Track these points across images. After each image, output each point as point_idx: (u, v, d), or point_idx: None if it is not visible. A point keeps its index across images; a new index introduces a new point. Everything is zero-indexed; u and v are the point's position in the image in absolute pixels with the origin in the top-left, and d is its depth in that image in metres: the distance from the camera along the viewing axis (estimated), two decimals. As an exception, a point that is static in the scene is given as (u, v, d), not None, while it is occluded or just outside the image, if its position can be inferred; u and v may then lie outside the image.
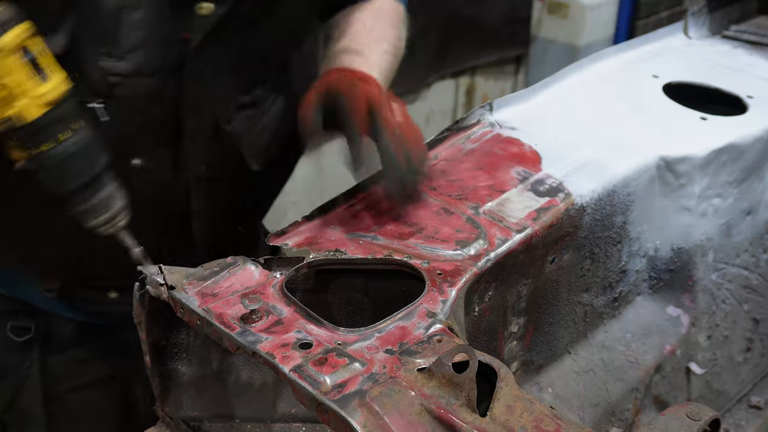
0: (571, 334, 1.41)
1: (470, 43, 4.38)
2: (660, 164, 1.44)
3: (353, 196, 1.28)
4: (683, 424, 0.91)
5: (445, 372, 0.90)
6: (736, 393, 1.67)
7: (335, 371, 0.92)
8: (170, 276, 1.08)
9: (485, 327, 1.23)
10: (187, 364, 1.20)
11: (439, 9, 4.09)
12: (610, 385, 1.44)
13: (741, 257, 1.60)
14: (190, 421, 1.21)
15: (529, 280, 1.27)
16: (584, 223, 1.33)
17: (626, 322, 1.49)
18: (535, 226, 1.23)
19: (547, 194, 1.30)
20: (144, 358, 1.17)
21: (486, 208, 1.26)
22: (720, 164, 1.49)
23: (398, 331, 1.01)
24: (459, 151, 1.41)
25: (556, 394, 1.38)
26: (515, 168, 1.36)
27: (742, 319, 1.63)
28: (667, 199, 1.47)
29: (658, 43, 1.91)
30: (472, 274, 1.13)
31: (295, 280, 1.11)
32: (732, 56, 1.90)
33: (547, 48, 4.57)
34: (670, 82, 1.71)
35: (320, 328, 1.01)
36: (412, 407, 0.89)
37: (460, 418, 0.87)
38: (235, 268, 1.10)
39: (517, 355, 1.33)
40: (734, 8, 2.08)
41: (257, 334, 0.99)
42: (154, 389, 1.19)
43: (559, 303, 1.36)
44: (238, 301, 1.05)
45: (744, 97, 1.68)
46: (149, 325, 1.14)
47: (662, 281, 1.52)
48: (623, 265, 1.45)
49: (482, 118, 1.50)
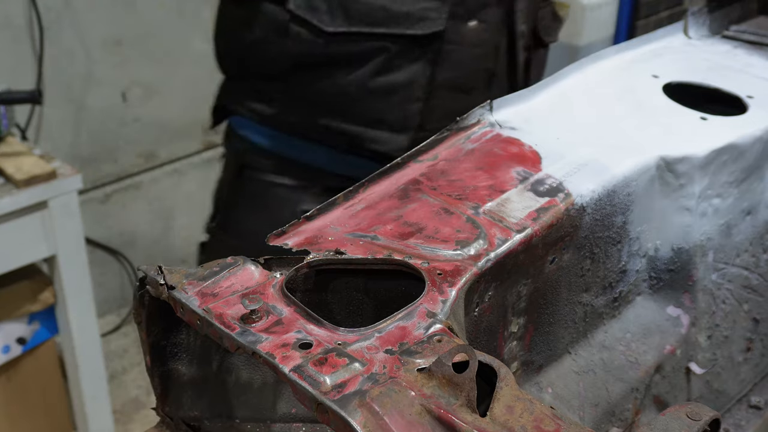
0: (571, 334, 1.41)
1: (470, 43, 4.38)
2: (660, 164, 1.44)
3: (353, 196, 1.28)
4: (683, 424, 0.91)
5: (445, 372, 0.90)
6: (736, 393, 1.67)
7: (335, 371, 0.92)
8: (170, 276, 1.08)
9: (485, 327, 1.23)
10: (187, 364, 1.20)
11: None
12: (610, 385, 1.44)
13: (741, 257, 1.60)
14: (190, 421, 1.21)
15: (529, 280, 1.27)
16: (584, 223, 1.34)
17: (626, 322, 1.49)
18: (535, 226, 1.23)
19: (547, 194, 1.30)
20: (144, 358, 1.17)
21: (486, 208, 1.26)
22: (720, 164, 1.49)
23: (398, 331, 1.01)
24: (459, 151, 1.41)
25: (556, 394, 1.38)
26: (515, 168, 1.36)
27: (742, 319, 1.63)
28: (667, 199, 1.47)
29: (658, 43, 1.91)
30: (472, 274, 1.13)
31: (295, 280, 1.11)
32: (732, 56, 1.90)
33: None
34: (670, 82, 1.71)
35: (320, 328, 1.01)
36: (412, 407, 0.89)
37: (460, 418, 0.87)
38: (235, 268, 1.10)
39: (517, 355, 1.33)
40: (734, 8, 2.08)
41: (257, 334, 0.99)
42: (154, 389, 1.19)
43: (559, 303, 1.36)
44: (238, 301, 1.05)
45: (744, 97, 1.68)
46: (149, 325, 1.14)
47: (662, 281, 1.52)
48: (623, 265, 1.45)
49: (482, 118, 1.50)
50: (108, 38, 3.12)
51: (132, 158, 3.32)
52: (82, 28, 3.04)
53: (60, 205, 2.46)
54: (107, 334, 3.45)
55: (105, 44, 3.12)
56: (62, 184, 2.45)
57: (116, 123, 3.24)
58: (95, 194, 3.31)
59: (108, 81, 3.17)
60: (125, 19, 3.14)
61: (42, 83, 3.01)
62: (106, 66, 3.14)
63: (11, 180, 2.40)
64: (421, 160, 1.39)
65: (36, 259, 2.53)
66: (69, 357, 2.72)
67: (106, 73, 3.15)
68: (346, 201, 1.28)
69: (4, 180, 2.41)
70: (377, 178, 1.33)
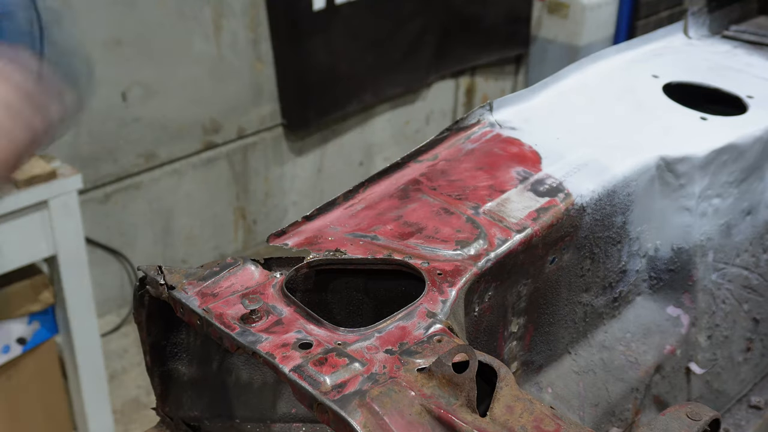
0: (571, 334, 1.41)
1: (470, 43, 4.39)
2: (660, 164, 1.44)
3: (353, 196, 1.28)
4: (683, 424, 0.91)
5: (445, 372, 0.90)
6: (736, 393, 1.67)
7: (335, 371, 0.92)
8: (170, 276, 1.08)
9: (485, 327, 1.23)
10: (187, 364, 1.20)
11: (439, 9, 4.10)
12: (610, 385, 1.44)
13: (741, 257, 1.60)
14: (190, 421, 1.21)
15: (529, 280, 1.27)
16: (584, 223, 1.34)
17: (626, 322, 1.49)
18: (535, 226, 1.23)
19: (547, 194, 1.30)
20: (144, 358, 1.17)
21: (486, 208, 1.26)
22: (720, 164, 1.49)
23: (398, 331, 1.01)
24: (459, 151, 1.41)
25: (556, 394, 1.38)
26: (515, 168, 1.36)
27: (742, 319, 1.63)
28: (667, 199, 1.47)
29: (658, 43, 1.91)
30: (472, 274, 1.13)
31: (295, 280, 1.11)
32: (732, 56, 1.90)
33: (547, 48, 4.57)
34: (670, 82, 1.71)
35: (320, 328, 1.01)
36: (412, 407, 0.89)
37: (460, 418, 0.87)
38: (235, 268, 1.10)
39: (517, 355, 1.33)
40: (734, 8, 2.08)
41: (257, 334, 0.99)
42: (154, 389, 1.19)
43: (559, 303, 1.36)
44: (238, 301, 1.05)
45: (744, 97, 1.68)
46: (149, 325, 1.14)
47: (662, 281, 1.52)
48: (623, 265, 1.45)
49: (482, 118, 1.50)
50: (108, 38, 3.11)
51: (132, 158, 3.32)
52: (82, 28, 3.04)
53: (60, 205, 2.46)
54: (107, 334, 3.45)
55: (105, 44, 3.11)
56: (62, 184, 2.45)
57: (116, 123, 3.24)
58: (95, 194, 3.30)
59: (108, 81, 3.17)
60: (125, 19, 3.13)
61: (42, 83, 3.01)
62: (106, 66, 3.13)
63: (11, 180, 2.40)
64: (421, 160, 1.39)
65: (36, 259, 2.53)
66: (69, 357, 2.72)
67: (106, 73, 3.14)
68: (346, 201, 1.28)
69: (4, 180, 2.42)
70: (377, 178, 1.33)
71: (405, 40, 4.00)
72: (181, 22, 3.29)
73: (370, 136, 4.16)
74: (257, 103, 3.63)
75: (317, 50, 3.63)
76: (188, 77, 3.38)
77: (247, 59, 3.50)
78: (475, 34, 4.36)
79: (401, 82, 4.15)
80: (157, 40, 3.29)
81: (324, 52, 3.66)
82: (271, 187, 3.84)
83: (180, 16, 3.29)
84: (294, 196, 3.96)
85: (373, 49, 3.88)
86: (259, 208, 3.84)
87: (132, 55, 3.26)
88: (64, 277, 2.57)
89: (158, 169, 3.52)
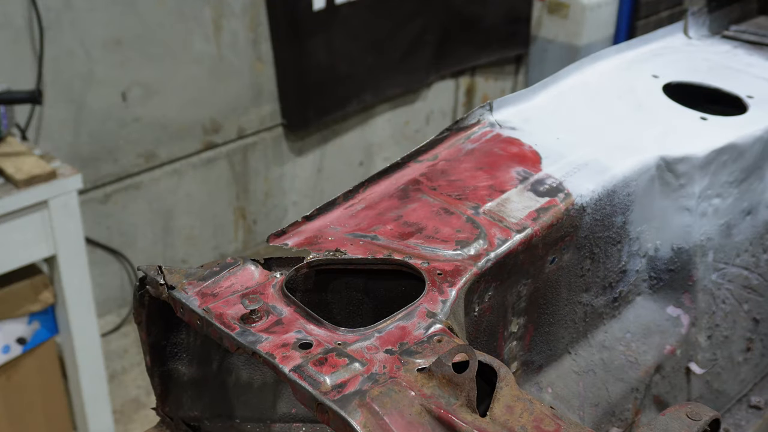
0: (571, 334, 1.41)
1: (470, 43, 4.39)
2: (660, 164, 1.44)
3: (353, 196, 1.28)
4: (683, 424, 0.91)
5: (445, 372, 0.90)
6: (736, 393, 1.67)
7: (335, 371, 0.92)
8: (170, 276, 1.08)
9: (485, 327, 1.23)
10: (187, 364, 1.20)
11: (439, 9, 4.10)
12: (610, 385, 1.44)
13: (741, 257, 1.60)
14: (190, 421, 1.21)
15: (529, 280, 1.27)
16: (584, 223, 1.34)
17: (626, 322, 1.49)
18: (535, 226, 1.23)
19: (547, 194, 1.30)
20: (144, 358, 1.17)
21: (486, 208, 1.26)
22: (720, 164, 1.49)
23: (398, 331, 1.01)
24: (459, 151, 1.41)
25: (556, 394, 1.38)
26: (515, 168, 1.36)
27: (742, 319, 1.63)
28: (667, 199, 1.47)
29: (658, 43, 1.91)
30: (472, 274, 1.13)
31: (295, 280, 1.11)
32: (732, 56, 1.90)
33: (547, 48, 4.58)
34: (670, 82, 1.71)
35: (320, 328, 1.01)
36: (412, 407, 0.89)
37: (460, 418, 0.87)
38: (235, 268, 1.10)
39: (517, 355, 1.33)
40: (734, 8, 2.08)
41: (257, 334, 0.99)
42: (154, 389, 1.19)
43: (559, 303, 1.36)
44: (238, 301, 1.05)
45: (744, 97, 1.68)
46: (149, 325, 1.14)
47: (662, 281, 1.52)
48: (623, 265, 1.45)
49: (482, 118, 1.50)
50: (108, 38, 3.11)
51: (132, 158, 3.32)
52: (82, 28, 3.04)
53: (60, 205, 2.46)
54: (107, 334, 3.45)
55: (105, 44, 3.11)
56: (62, 184, 2.45)
57: (116, 123, 3.24)
58: (95, 194, 3.31)
59: (108, 81, 3.17)
60: (125, 19, 3.13)
61: (42, 83, 3.00)
62: (106, 66, 3.13)
63: (11, 180, 2.40)
64: (421, 160, 1.39)
65: (36, 259, 2.53)
66: (69, 357, 2.72)
67: (106, 73, 3.14)
68: (346, 201, 1.28)
69: (4, 180, 2.41)
70: (377, 178, 1.33)
71: (405, 40, 4.00)
72: (181, 22, 3.30)
73: (370, 136, 4.17)
74: (257, 103, 3.63)
75: (317, 50, 3.63)
76: (188, 77, 3.38)
77: (247, 59, 3.50)
78: (475, 34, 4.37)
79: (401, 82, 4.15)
80: (157, 40, 3.29)
81: (324, 52, 3.66)
82: (271, 187, 3.84)
83: (180, 16, 3.29)
84: (294, 196, 3.96)
85: (373, 49, 3.88)
86: (259, 208, 3.84)
87: (132, 55, 3.27)
88: (64, 277, 2.58)
89: (158, 169, 3.52)
